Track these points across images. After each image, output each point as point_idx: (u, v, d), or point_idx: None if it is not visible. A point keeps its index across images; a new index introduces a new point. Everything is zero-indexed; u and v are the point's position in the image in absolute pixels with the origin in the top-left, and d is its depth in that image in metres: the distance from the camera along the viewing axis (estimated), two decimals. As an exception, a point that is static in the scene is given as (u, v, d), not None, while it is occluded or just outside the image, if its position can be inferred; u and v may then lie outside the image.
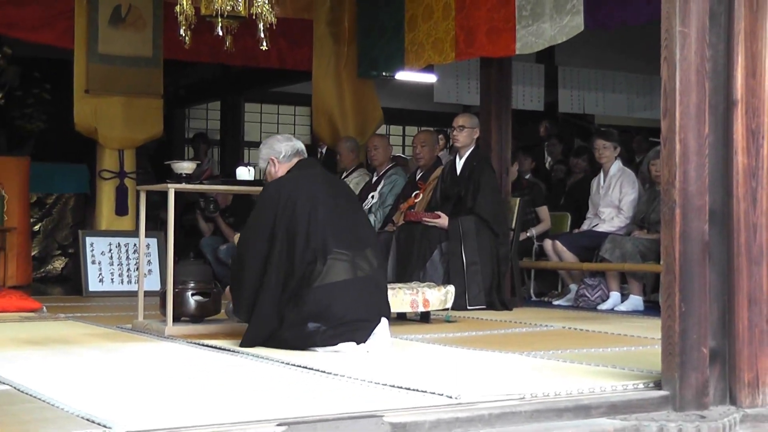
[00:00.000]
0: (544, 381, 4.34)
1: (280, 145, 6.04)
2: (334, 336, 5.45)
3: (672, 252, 4.06)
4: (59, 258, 12.19)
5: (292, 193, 5.66)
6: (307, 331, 5.45)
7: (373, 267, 5.71)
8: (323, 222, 5.59)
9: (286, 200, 5.62)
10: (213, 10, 7.11)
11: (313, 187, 5.75)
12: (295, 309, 5.49)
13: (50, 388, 4.10)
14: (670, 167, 4.08)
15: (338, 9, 11.31)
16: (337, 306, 5.47)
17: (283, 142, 6.05)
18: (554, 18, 8.36)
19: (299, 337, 5.46)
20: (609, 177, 9.32)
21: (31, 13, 10.30)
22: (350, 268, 5.58)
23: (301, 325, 5.47)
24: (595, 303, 8.88)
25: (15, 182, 10.88)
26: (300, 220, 5.56)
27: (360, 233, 5.77)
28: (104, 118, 10.44)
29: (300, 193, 5.66)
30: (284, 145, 6.03)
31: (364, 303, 5.58)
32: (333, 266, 5.53)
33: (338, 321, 5.46)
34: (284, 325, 5.51)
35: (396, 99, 16.26)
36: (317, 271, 5.50)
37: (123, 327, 6.85)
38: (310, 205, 5.61)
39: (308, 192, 5.69)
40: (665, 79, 4.13)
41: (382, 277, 5.84)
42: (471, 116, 9.17)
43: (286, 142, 6.05)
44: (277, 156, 6.01)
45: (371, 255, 5.73)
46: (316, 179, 5.85)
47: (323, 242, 5.54)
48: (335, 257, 5.54)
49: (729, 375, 4.14)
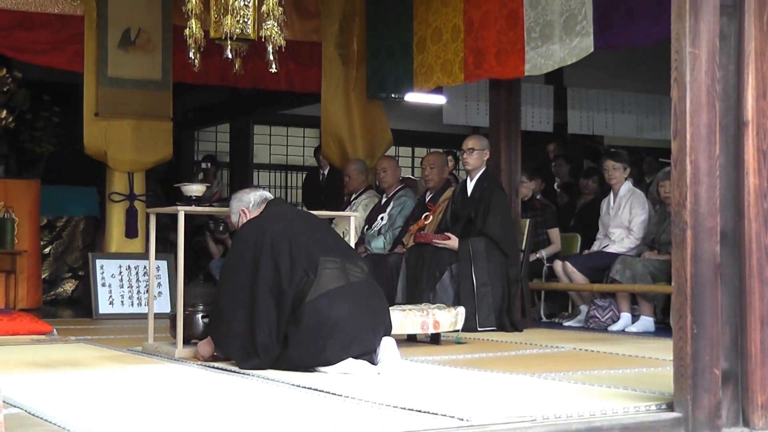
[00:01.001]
0: (556, 403, 4.32)
1: (248, 196, 6.17)
2: (343, 349, 5.42)
3: (683, 273, 4.05)
4: (69, 281, 12.20)
5: (267, 226, 5.76)
6: (313, 348, 5.42)
7: (365, 273, 5.74)
8: (304, 241, 5.65)
9: (263, 234, 5.68)
10: (222, 33, 7.11)
11: (286, 217, 5.90)
12: (295, 326, 5.47)
13: (61, 411, 4.10)
14: (681, 188, 4.08)
15: (347, 31, 11.34)
16: (336, 313, 5.44)
17: (250, 193, 6.20)
18: (564, 39, 8.37)
19: (307, 354, 5.44)
20: (619, 198, 9.30)
21: (41, 37, 10.33)
22: (342, 275, 5.59)
23: (305, 343, 5.44)
24: (605, 324, 8.85)
25: (25, 205, 10.91)
26: (281, 248, 5.59)
27: (342, 246, 5.91)
28: (114, 141, 10.46)
29: (275, 224, 5.77)
30: (252, 195, 6.17)
31: (363, 308, 5.56)
32: (323, 275, 5.53)
33: (340, 329, 5.42)
34: (289, 346, 5.49)
35: (405, 121, 16.28)
36: (309, 282, 5.49)
37: (133, 349, 6.84)
38: (287, 232, 5.68)
39: (282, 222, 5.80)
40: (675, 100, 4.13)
41: (373, 284, 5.82)
42: (480, 138, 9.17)
43: (253, 192, 6.20)
44: (246, 206, 6.11)
45: (359, 261, 5.82)
46: (287, 213, 6.05)
47: (308, 256, 5.57)
48: (324, 266, 5.55)
49: (742, 396, 4.12)
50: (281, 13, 7.02)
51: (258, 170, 17.64)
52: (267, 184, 17.50)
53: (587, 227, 10.12)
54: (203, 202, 6.93)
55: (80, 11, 10.32)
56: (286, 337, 5.51)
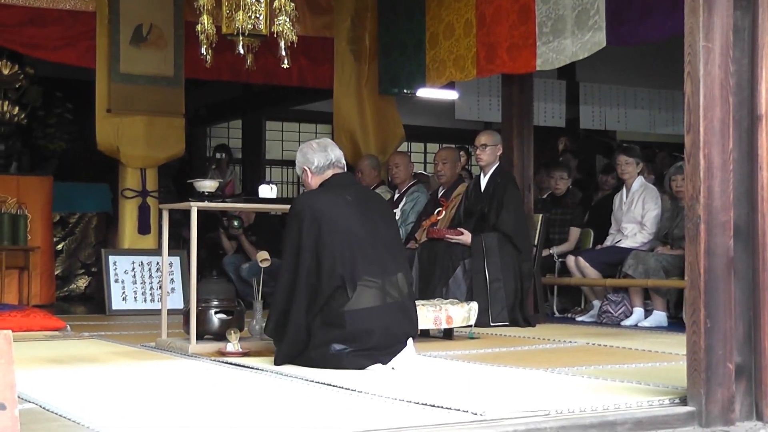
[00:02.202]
0: (569, 397, 4.32)
1: (313, 155, 5.86)
2: (360, 357, 5.42)
3: (697, 267, 4.04)
4: (82, 277, 12.22)
5: (319, 211, 5.55)
6: (331, 353, 5.43)
7: (403, 293, 5.63)
8: (353, 246, 5.50)
9: (311, 217, 5.51)
10: (234, 28, 7.12)
11: (343, 206, 5.63)
12: (323, 329, 5.45)
13: (75, 406, 4.11)
14: (695, 183, 4.07)
15: (359, 27, 11.33)
16: (366, 332, 5.43)
17: (317, 152, 5.86)
18: (576, 34, 8.35)
19: (324, 357, 5.44)
20: (632, 193, 9.29)
21: (53, 34, 10.34)
22: (380, 295, 5.51)
23: (326, 346, 5.44)
24: (618, 319, 8.84)
25: (38, 202, 10.93)
26: (327, 240, 5.47)
27: (391, 256, 5.67)
28: (126, 137, 10.47)
29: (328, 212, 5.56)
30: (318, 155, 5.85)
31: (393, 329, 5.53)
32: (363, 293, 5.45)
33: (365, 345, 5.43)
34: (311, 344, 5.49)
35: (417, 116, 16.26)
36: (346, 296, 5.43)
37: (146, 345, 6.85)
38: (338, 225, 5.52)
39: (337, 212, 5.58)
40: (689, 95, 4.12)
41: (411, 302, 5.76)
42: (493, 133, 9.16)
43: (320, 152, 5.86)
44: (310, 167, 5.86)
45: (401, 279, 5.65)
46: (347, 197, 5.71)
47: (352, 268, 5.46)
48: (364, 284, 5.46)
49: (755, 390, 4.11)
50: (293, 9, 7.03)
51: (270, 166, 17.64)
52: (279, 180, 17.50)
53: (601, 223, 10.09)
54: (216, 196, 6.91)
55: (92, 7, 10.32)
56: (310, 329, 5.51)
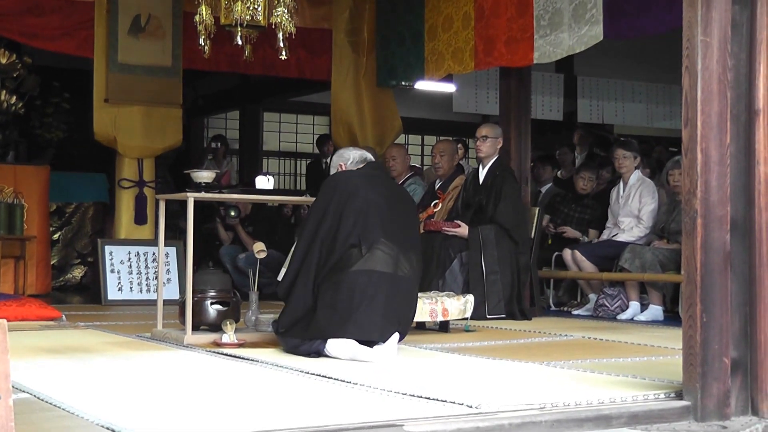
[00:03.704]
0: (565, 391, 4.33)
1: (349, 153, 6.30)
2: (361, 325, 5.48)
3: (693, 262, 4.04)
4: (78, 267, 12.21)
5: (351, 183, 5.86)
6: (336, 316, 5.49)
7: (414, 270, 5.79)
8: (374, 214, 5.70)
9: (344, 188, 5.81)
10: (232, 19, 7.11)
11: (372, 183, 5.92)
12: (331, 289, 5.57)
13: (70, 396, 4.11)
14: (692, 177, 4.07)
15: (357, 18, 11.31)
16: (373, 294, 5.52)
17: (353, 151, 6.32)
18: (573, 27, 8.35)
19: (331, 322, 5.50)
20: (628, 187, 9.29)
21: (51, 23, 10.33)
22: (392, 263, 5.65)
23: (330, 308, 5.53)
24: (614, 313, 8.85)
25: (34, 191, 10.92)
26: (351, 207, 5.69)
27: (407, 235, 5.87)
28: (123, 127, 10.46)
29: (359, 186, 5.84)
30: (353, 153, 6.29)
31: (394, 303, 5.62)
32: (376, 254, 5.61)
33: (368, 309, 5.49)
34: (319, 308, 5.57)
35: (415, 108, 16.26)
36: (357, 254, 5.60)
37: (142, 336, 6.86)
38: (364, 196, 5.76)
39: (366, 186, 5.85)
40: (686, 89, 4.12)
41: (415, 283, 5.87)
42: (494, 126, 9.16)
43: (355, 151, 6.32)
44: (345, 162, 6.22)
45: (414, 258, 5.81)
46: (376, 179, 6.03)
47: (371, 231, 5.65)
48: (380, 248, 5.62)
49: (751, 385, 4.11)
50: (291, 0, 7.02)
51: (267, 157, 17.64)
52: (276, 171, 17.50)
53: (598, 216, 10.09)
54: (213, 186, 6.90)
55: (90, -3, 10.32)
56: (317, 290, 5.63)
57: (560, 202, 10.32)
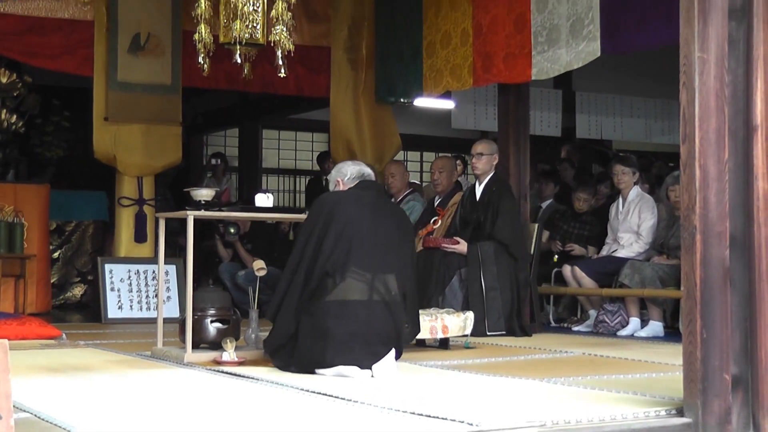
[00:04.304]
0: (565, 408, 4.32)
1: (347, 168, 6.28)
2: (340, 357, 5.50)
3: (693, 278, 4.04)
4: (78, 285, 12.20)
5: (335, 205, 5.88)
6: (315, 347, 5.54)
7: (391, 294, 5.74)
8: (351, 240, 5.71)
9: (328, 210, 5.83)
10: (231, 37, 7.12)
11: (359, 204, 5.93)
12: (308, 319, 5.63)
13: (71, 415, 4.10)
14: (690, 193, 4.07)
15: (356, 36, 11.33)
16: (347, 324, 5.55)
17: (350, 166, 6.30)
18: (570, 44, 8.36)
19: (308, 349, 5.57)
20: (628, 202, 9.29)
21: (51, 42, 10.36)
22: (367, 290, 5.66)
23: (310, 338, 5.58)
24: (614, 329, 8.84)
25: (34, 209, 10.92)
26: (332, 232, 5.72)
27: (388, 258, 5.82)
28: (123, 145, 10.47)
29: (343, 206, 5.86)
30: (351, 168, 6.27)
31: (375, 327, 5.62)
32: (349, 285, 5.63)
33: (346, 340, 5.51)
34: (299, 333, 5.65)
35: (414, 125, 16.26)
36: (331, 285, 5.62)
37: (142, 354, 6.85)
38: (346, 220, 5.77)
39: (351, 207, 5.87)
40: (684, 105, 4.13)
41: (398, 305, 5.79)
42: (489, 143, 9.17)
43: (353, 166, 6.30)
44: (342, 177, 6.22)
45: (393, 281, 5.76)
46: (364, 198, 6.01)
47: (344, 259, 5.66)
48: (353, 276, 5.64)
49: (752, 401, 4.11)
50: (290, 18, 7.03)
51: (267, 174, 17.64)
52: (276, 189, 17.50)
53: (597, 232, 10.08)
54: (213, 204, 6.91)
55: (90, 16, 10.34)
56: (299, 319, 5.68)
57: (560, 219, 10.31)
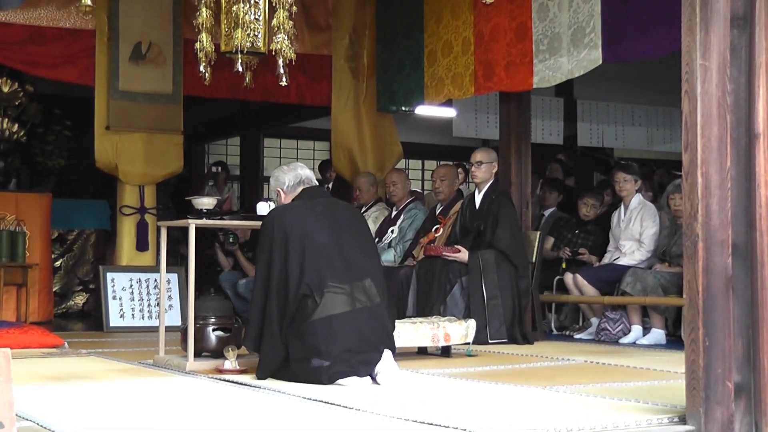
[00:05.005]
0: (567, 415, 4.32)
1: (284, 176, 6.13)
2: (338, 372, 5.48)
3: (695, 286, 4.04)
4: (80, 294, 12.20)
5: (287, 221, 5.73)
6: (311, 367, 5.51)
7: (373, 299, 5.72)
8: (318, 254, 5.65)
9: (279, 229, 5.70)
10: (233, 46, 7.13)
11: (311, 217, 5.80)
12: (297, 341, 5.58)
13: (72, 424, 4.10)
14: (693, 201, 4.07)
15: (357, 45, 11.35)
16: (338, 338, 5.53)
17: (287, 173, 6.14)
18: (571, 52, 8.37)
19: (305, 371, 5.53)
20: (629, 210, 9.28)
21: (53, 51, 10.38)
22: (348, 300, 5.63)
23: (304, 360, 5.54)
24: (616, 337, 8.83)
25: (36, 218, 10.92)
26: (293, 250, 5.63)
27: (359, 263, 5.78)
28: (125, 154, 10.49)
29: (295, 222, 5.73)
30: (288, 175, 6.12)
31: (365, 334, 5.62)
32: (330, 300, 5.58)
33: (340, 354, 5.50)
34: (291, 357, 5.60)
35: (415, 134, 16.27)
36: (313, 304, 5.56)
37: (144, 362, 6.85)
38: (304, 235, 5.67)
39: (304, 221, 5.75)
40: (686, 113, 4.13)
41: (381, 308, 5.79)
42: (489, 151, 9.17)
43: (290, 173, 6.13)
44: (282, 187, 6.12)
45: (370, 286, 5.74)
46: (315, 208, 5.90)
47: (318, 276, 5.59)
48: (331, 291, 5.59)
49: (755, 409, 4.10)
50: (291, 27, 7.04)
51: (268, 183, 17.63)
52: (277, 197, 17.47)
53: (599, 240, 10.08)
54: (215, 213, 6.92)
55: (91, 25, 10.36)
56: (286, 341, 5.62)
57: (564, 227, 10.30)
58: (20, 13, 10.08)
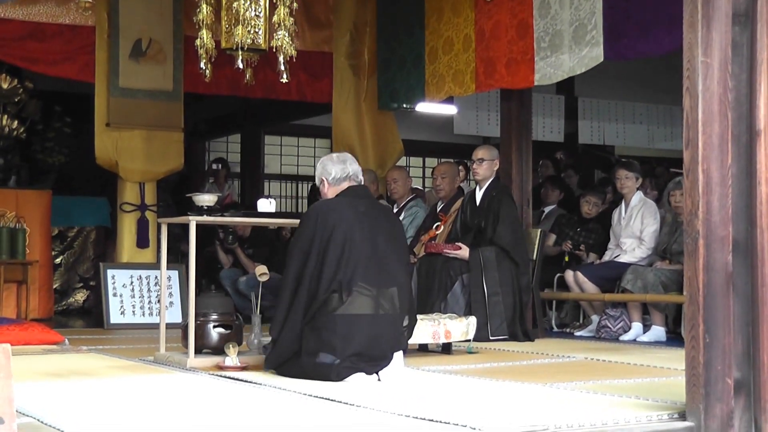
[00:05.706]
0: (568, 412, 4.32)
1: (332, 166, 6.02)
2: (346, 369, 5.48)
3: (695, 283, 4.04)
4: (81, 291, 12.21)
5: (331, 219, 5.70)
6: (318, 362, 5.51)
7: (395, 308, 5.71)
8: (355, 255, 5.62)
9: (324, 224, 5.67)
10: (233, 43, 7.13)
11: (352, 216, 5.76)
12: (313, 334, 5.56)
13: (73, 420, 4.10)
14: (693, 198, 4.07)
15: (358, 42, 11.35)
16: (355, 338, 5.53)
17: (336, 164, 6.03)
18: (573, 49, 8.37)
19: (313, 366, 5.52)
20: (630, 208, 9.28)
21: (53, 48, 10.37)
22: (373, 305, 5.62)
23: (314, 354, 5.53)
24: (617, 334, 8.83)
25: (36, 215, 10.93)
26: (334, 247, 5.61)
27: (391, 270, 5.76)
28: (125, 151, 10.48)
29: (340, 221, 5.69)
30: (336, 167, 6.01)
31: (381, 342, 5.62)
32: (357, 299, 5.57)
33: (352, 354, 5.50)
34: (302, 350, 5.59)
35: (416, 131, 16.27)
36: (338, 300, 5.55)
37: (145, 359, 6.84)
38: (346, 233, 5.65)
39: (348, 220, 5.71)
40: (687, 110, 4.12)
41: (401, 318, 5.79)
42: (490, 148, 9.17)
43: (338, 165, 6.03)
44: (327, 177, 6.02)
45: (396, 295, 5.72)
46: (358, 207, 5.85)
47: (351, 274, 5.58)
48: (360, 291, 5.58)
49: (754, 406, 4.11)
50: (292, 24, 7.04)
51: (269, 180, 17.63)
52: (278, 194, 17.50)
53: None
54: (215, 210, 6.91)
55: (91, 22, 10.35)
56: (302, 336, 5.61)
57: (565, 224, 10.29)
58: (20, 9, 10.08)
